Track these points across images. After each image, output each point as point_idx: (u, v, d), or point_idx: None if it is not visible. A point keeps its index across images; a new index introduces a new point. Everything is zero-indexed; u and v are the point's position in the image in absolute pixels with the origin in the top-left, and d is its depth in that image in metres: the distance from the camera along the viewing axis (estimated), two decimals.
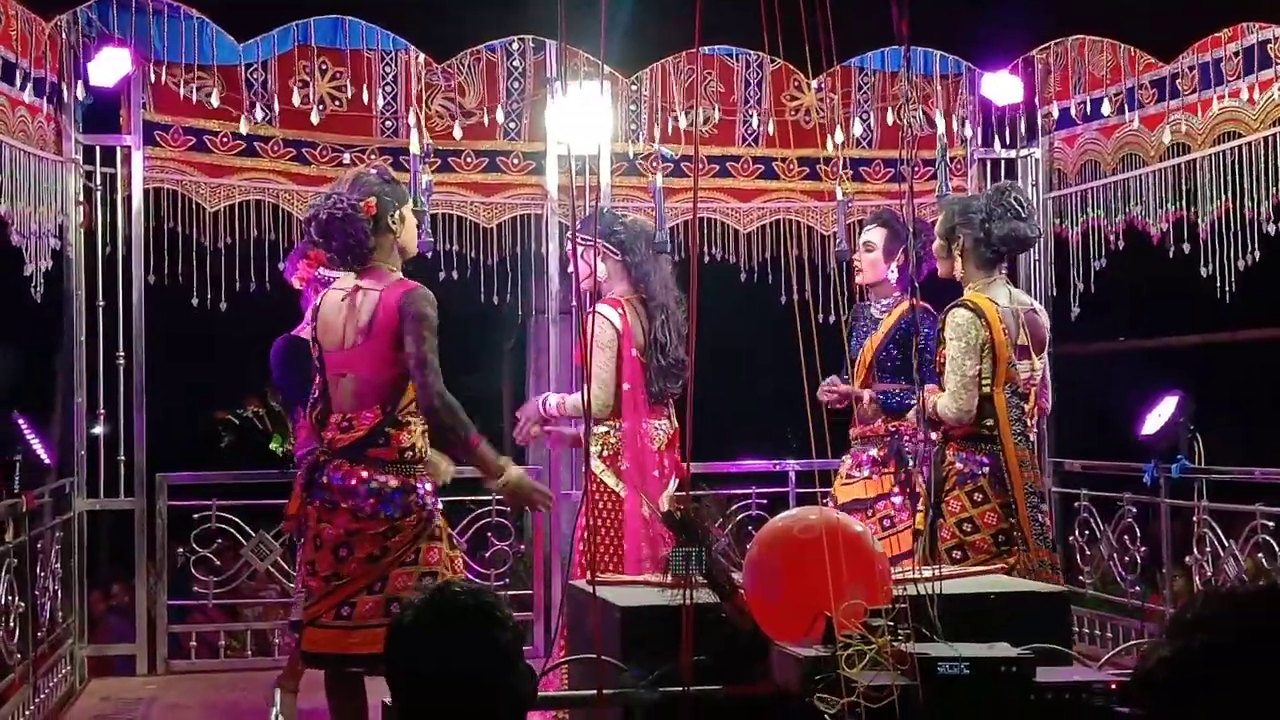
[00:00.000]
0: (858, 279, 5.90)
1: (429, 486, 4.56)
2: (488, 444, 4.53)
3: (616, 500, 5.29)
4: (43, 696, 5.97)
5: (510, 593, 7.10)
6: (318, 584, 4.51)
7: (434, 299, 4.50)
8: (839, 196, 6.44)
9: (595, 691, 3.08)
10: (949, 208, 5.30)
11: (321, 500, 4.48)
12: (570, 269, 5.49)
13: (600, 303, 5.35)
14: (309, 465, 4.59)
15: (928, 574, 3.38)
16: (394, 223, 4.57)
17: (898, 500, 5.70)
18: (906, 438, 5.73)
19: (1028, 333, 5.17)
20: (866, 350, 5.77)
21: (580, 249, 5.29)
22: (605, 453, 5.33)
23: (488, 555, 7.12)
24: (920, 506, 5.18)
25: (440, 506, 4.63)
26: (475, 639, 2.32)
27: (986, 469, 5.03)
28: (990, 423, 5.02)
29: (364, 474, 4.44)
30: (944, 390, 5.05)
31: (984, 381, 5.04)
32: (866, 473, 5.73)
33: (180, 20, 6.42)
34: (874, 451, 5.73)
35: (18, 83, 5.75)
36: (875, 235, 5.82)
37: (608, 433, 5.33)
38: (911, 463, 5.69)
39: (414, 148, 5.95)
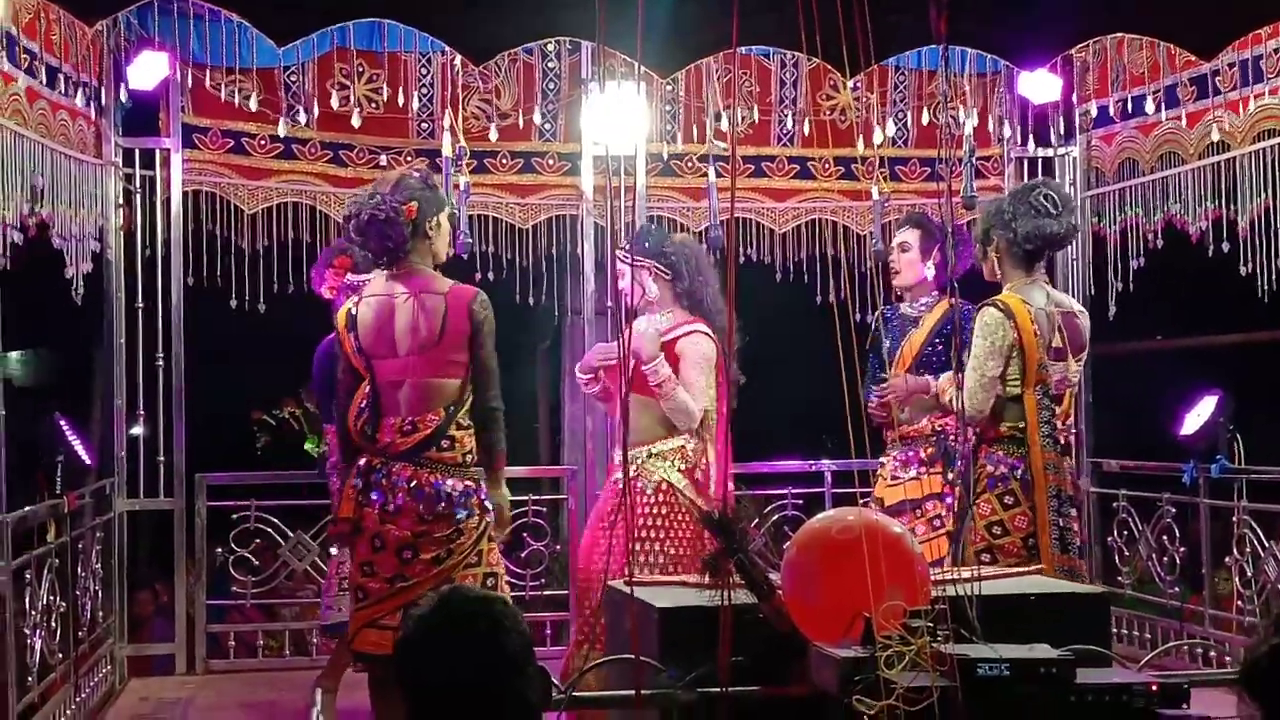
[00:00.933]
0: (895, 281, 5.88)
1: (485, 490, 4.62)
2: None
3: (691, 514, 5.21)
4: (84, 696, 6.02)
5: (546, 592, 7.12)
6: (379, 586, 4.55)
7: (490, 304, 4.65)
8: (875, 196, 6.42)
9: (633, 692, 3.08)
10: (985, 210, 5.30)
11: (383, 502, 4.52)
12: (618, 284, 5.52)
13: (692, 323, 5.37)
14: (364, 468, 4.62)
15: (967, 575, 3.37)
16: (431, 229, 4.63)
17: (949, 500, 5.67)
18: (952, 437, 5.71)
19: (1064, 335, 5.13)
20: (908, 349, 5.76)
21: (628, 265, 5.32)
22: (684, 466, 5.30)
23: (524, 555, 7.13)
24: (959, 507, 5.16)
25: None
26: (482, 644, 2.33)
27: (1019, 472, 5.00)
28: (1021, 425, 5.00)
29: (431, 477, 4.49)
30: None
31: (1013, 382, 5.03)
32: (914, 473, 5.69)
33: (220, 24, 6.46)
34: (920, 452, 5.70)
35: (60, 87, 5.79)
36: (910, 236, 5.81)
37: (683, 446, 5.32)
38: (958, 462, 5.68)
39: (445, 150, 5.98)
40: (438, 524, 4.49)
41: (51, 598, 5.56)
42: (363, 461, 4.67)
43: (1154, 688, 2.93)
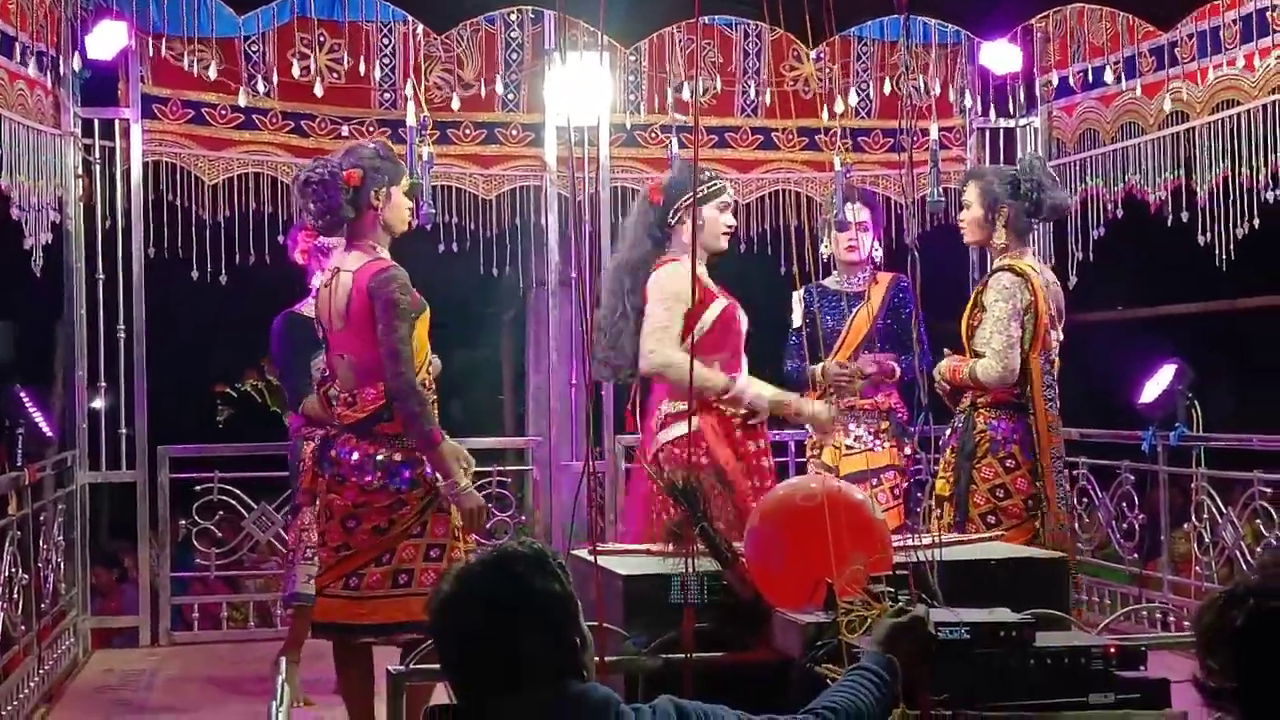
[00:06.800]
0: (848, 256, 5.89)
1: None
2: (450, 443, 4.50)
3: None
4: (47, 668, 6.00)
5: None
6: (327, 554, 4.57)
7: (405, 279, 4.46)
8: (837, 167, 6.44)
9: (597, 659, 3.10)
10: (983, 178, 5.31)
11: (331, 473, 4.53)
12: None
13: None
14: (321, 439, 4.64)
15: (928, 541, 3.41)
16: (377, 199, 4.55)
17: (906, 472, 5.77)
18: (899, 413, 5.80)
19: (1053, 302, 5.23)
20: (859, 323, 5.80)
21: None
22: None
23: (488, 526, 7.13)
24: (946, 475, 5.19)
25: None
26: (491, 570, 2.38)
27: (1019, 435, 5.07)
28: (1022, 388, 5.07)
29: (371, 449, 4.48)
30: (972, 355, 5.08)
31: (1023, 346, 5.09)
32: (868, 444, 5.76)
33: None
34: (873, 425, 5.77)
35: (17, 56, 5.74)
36: (865, 215, 5.88)
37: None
38: (907, 437, 5.77)
39: (410, 120, 5.95)
40: (379, 494, 4.49)
41: (13, 570, 5.54)
42: (322, 431, 4.68)
43: (1112, 650, 2.97)
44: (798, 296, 5.83)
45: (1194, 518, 6.55)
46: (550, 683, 2.34)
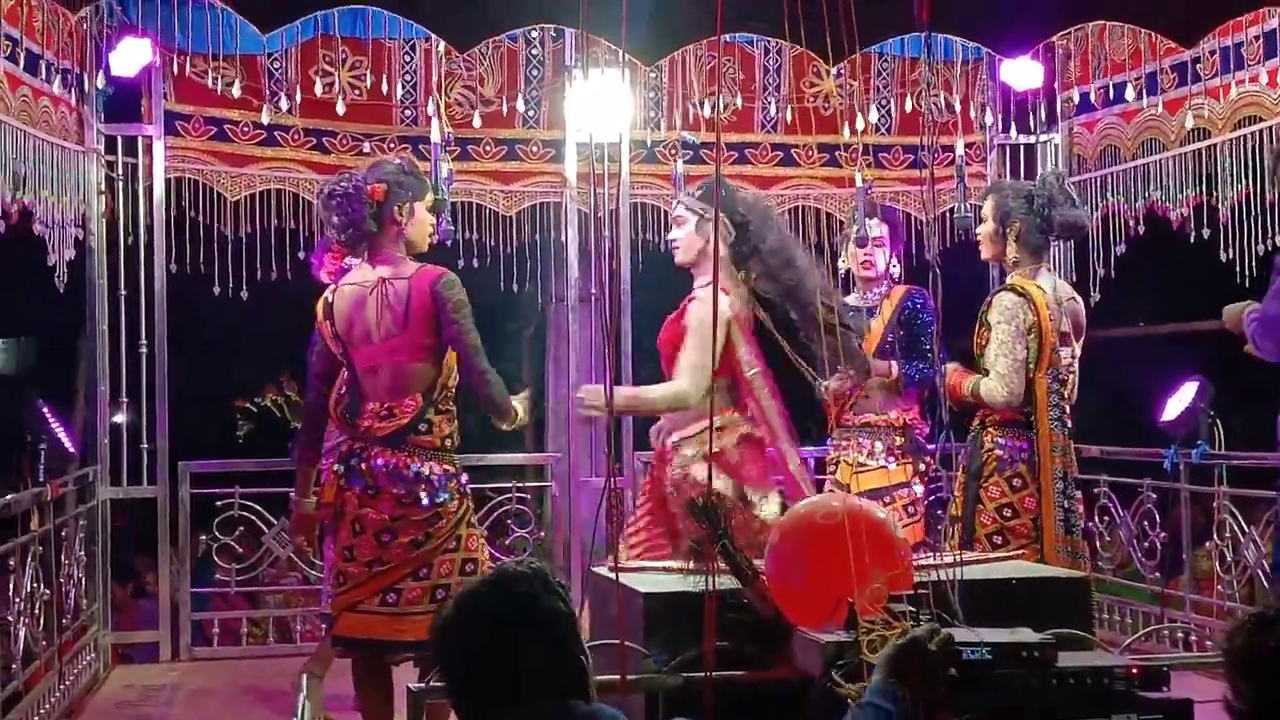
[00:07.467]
0: (865, 273, 5.93)
1: (465, 476, 4.63)
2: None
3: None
4: (68, 683, 6.02)
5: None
6: (358, 570, 4.54)
7: (460, 282, 4.60)
8: (858, 183, 6.44)
9: (618, 677, 3.09)
10: (1001, 191, 5.31)
11: (363, 486, 4.52)
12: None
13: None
14: (344, 453, 4.63)
15: (949, 560, 3.40)
16: (400, 214, 4.60)
17: (921, 490, 5.75)
18: (917, 429, 5.81)
19: (1068, 319, 5.21)
20: (872, 336, 5.82)
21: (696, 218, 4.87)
22: (705, 452, 4.68)
23: (508, 542, 7.14)
24: (955, 492, 5.18)
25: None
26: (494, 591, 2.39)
27: (1025, 454, 5.05)
28: (1028, 409, 5.05)
29: (406, 461, 4.49)
30: (983, 373, 5.07)
31: (1028, 366, 5.07)
32: (882, 461, 5.76)
33: (204, 10, 6.44)
34: (889, 441, 5.77)
35: (42, 74, 5.77)
36: (882, 230, 5.92)
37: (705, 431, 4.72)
38: (925, 454, 5.77)
39: (434, 136, 5.95)
40: (415, 508, 4.50)
41: (35, 585, 5.56)
42: (344, 447, 4.67)
43: (1134, 671, 2.96)
44: None
45: (1216, 536, 6.51)
46: (553, 699, 2.34)
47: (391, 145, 6.93)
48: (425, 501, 4.50)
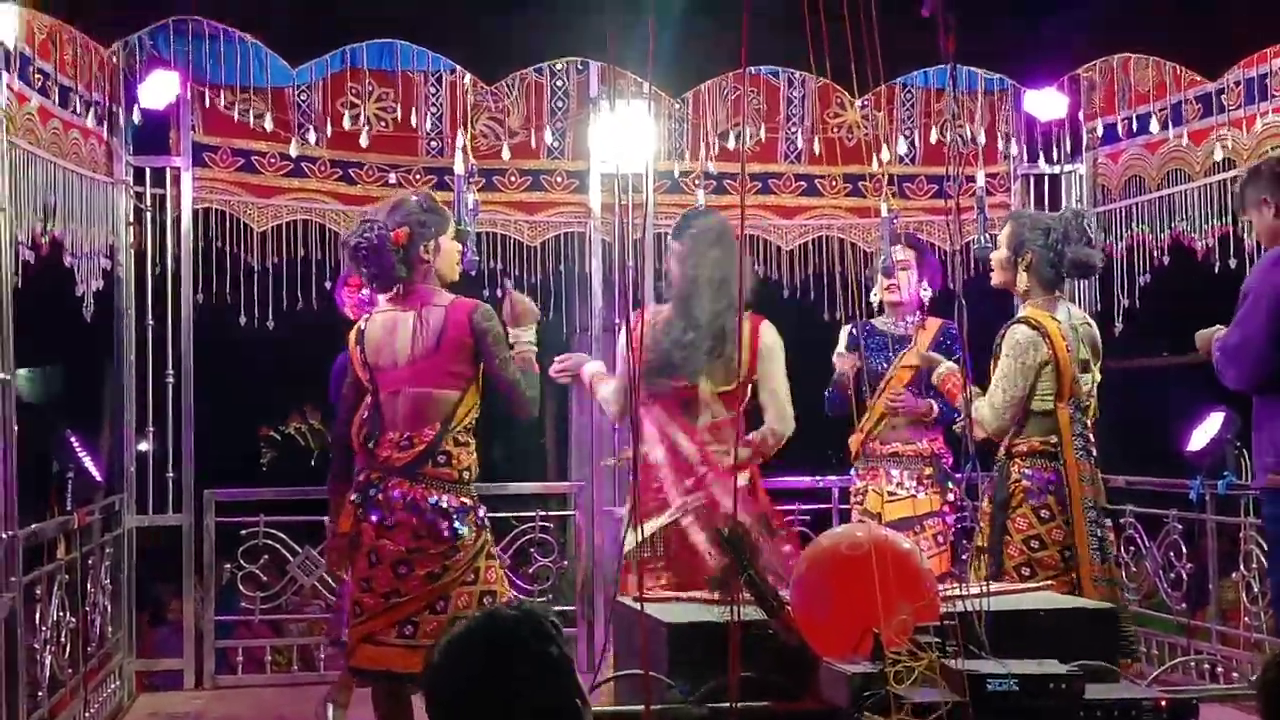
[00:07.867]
0: (892, 298, 5.97)
1: (484, 509, 4.65)
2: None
3: None
4: (92, 711, 6.04)
5: (554, 609, 7.11)
6: (374, 601, 4.55)
7: (495, 313, 4.68)
8: (883, 213, 6.46)
9: (643, 707, 3.10)
10: (1019, 220, 5.32)
11: (380, 517, 4.53)
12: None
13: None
14: (362, 483, 4.64)
15: (975, 591, 3.39)
16: (427, 252, 4.64)
17: (948, 518, 5.76)
18: (943, 457, 5.83)
19: (1087, 346, 5.20)
20: (905, 369, 5.84)
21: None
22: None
23: (531, 571, 7.15)
24: (980, 524, 5.17)
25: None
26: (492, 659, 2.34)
27: (1054, 485, 5.03)
28: (1054, 439, 5.04)
29: (423, 493, 4.50)
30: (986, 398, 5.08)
31: (1045, 397, 5.07)
32: (911, 491, 5.77)
33: (234, 44, 6.49)
34: (918, 471, 5.79)
35: (73, 106, 5.83)
36: (909, 255, 5.94)
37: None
38: (951, 484, 5.77)
39: (458, 168, 6.00)
40: (433, 540, 4.50)
41: (61, 613, 5.58)
42: (361, 477, 4.69)
43: (1162, 703, 2.95)
44: (846, 330, 5.97)
45: (1242, 567, 6.48)
46: None
47: (418, 176, 6.98)
48: (443, 534, 4.50)
